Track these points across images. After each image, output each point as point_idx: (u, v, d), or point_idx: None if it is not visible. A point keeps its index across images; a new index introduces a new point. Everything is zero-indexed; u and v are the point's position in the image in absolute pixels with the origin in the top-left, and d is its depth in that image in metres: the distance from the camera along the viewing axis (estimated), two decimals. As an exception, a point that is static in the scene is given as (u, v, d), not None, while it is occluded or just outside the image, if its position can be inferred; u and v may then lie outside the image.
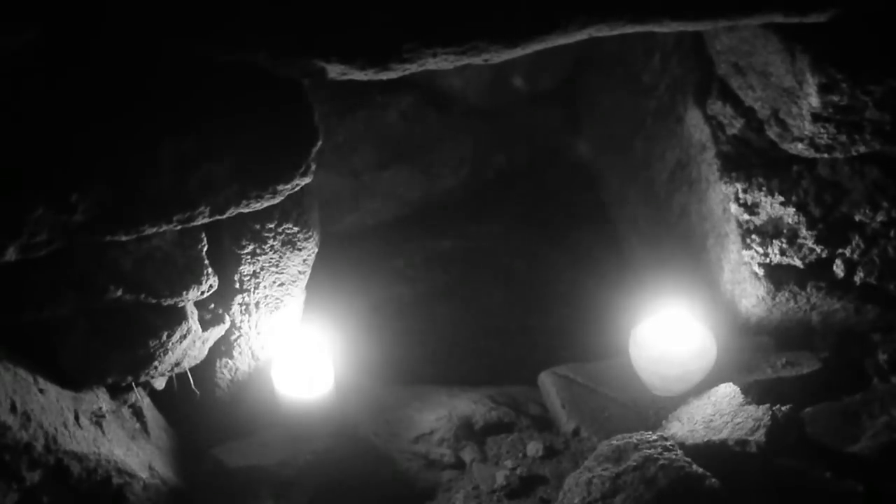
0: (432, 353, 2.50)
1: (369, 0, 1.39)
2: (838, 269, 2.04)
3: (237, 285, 1.82)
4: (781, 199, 2.03)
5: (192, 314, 1.75)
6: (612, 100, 2.66)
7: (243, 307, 1.86)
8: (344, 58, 1.45)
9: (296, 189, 1.64)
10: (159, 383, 1.84)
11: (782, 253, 2.04)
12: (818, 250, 2.04)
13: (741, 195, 2.05)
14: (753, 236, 2.05)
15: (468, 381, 2.25)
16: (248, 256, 1.80)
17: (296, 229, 1.82)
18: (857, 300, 2.06)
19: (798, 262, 2.05)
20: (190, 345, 1.76)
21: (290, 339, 1.97)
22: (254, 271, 1.82)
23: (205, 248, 1.70)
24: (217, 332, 1.83)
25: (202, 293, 1.71)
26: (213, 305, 1.81)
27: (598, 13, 1.49)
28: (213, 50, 1.43)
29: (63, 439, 1.54)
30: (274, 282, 1.86)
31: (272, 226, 1.79)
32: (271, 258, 1.82)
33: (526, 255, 2.85)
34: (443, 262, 2.81)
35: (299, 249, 1.85)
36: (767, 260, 2.05)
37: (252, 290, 1.84)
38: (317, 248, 1.89)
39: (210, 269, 1.71)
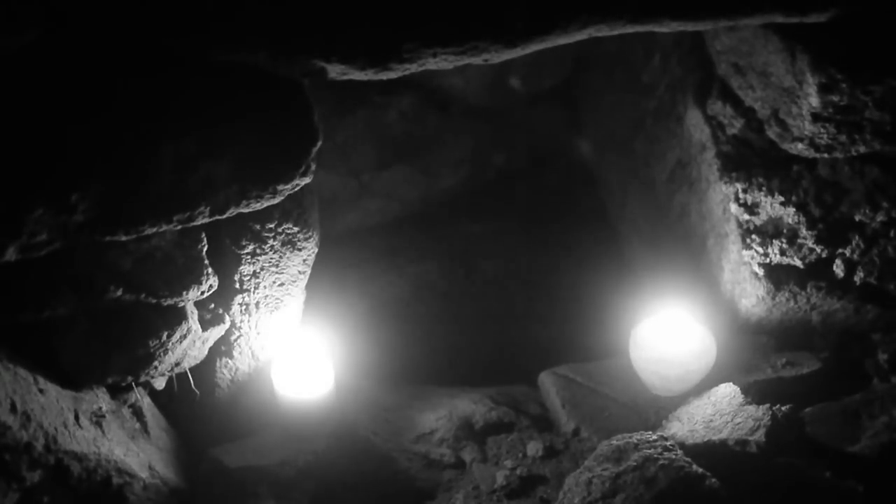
0: (432, 353, 2.50)
1: (369, 0, 1.39)
2: (838, 269, 2.04)
3: (237, 285, 1.82)
4: (781, 199, 2.03)
5: (192, 314, 1.75)
6: (612, 100, 2.66)
7: (243, 307, 1.86)
8: (344, 58, 1.45)
9: (296, 189, 1.64)
10: (159, 383, 1.84)
11: (782, 253, 2.04)
12: (818, 250, 2.04)
13: (741, 195, 2.05)
14: (753, 236, 2.05)
15: (468, 381, 2.25)
16: (249, 256, 1.80)
17: (296, 229, 1.82)
18: (857, 300, 2.06)
19: (798, 262, 2.04)
20: (190, 345, 1.76)
21: (290, 339, 1.97)
22: (254, 271, 1.82)
23: (205, 248, 1.70)
24: (217, 332, 1.83)
25: (202, 293, 1.71)
26: (213, 305, 1.81)
27: (598, 13, 1.49)
28: (213, 50, 1.43)
29: (63, 439, 1.54)
30: (274, 282, 1.86)
31: (272, 226, 1.79)
32: (271, 258, 1.82)
33: (526, 255, 2.85)
34: (443, 262, 2.81)
35: (299, 249, 1.85)
36: (767, 260, 2.05)
37: (252, 290, 1.84)
38: (317, 248, 1.89)
39: (210, 269, 1.71)
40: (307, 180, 1.64)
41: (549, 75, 2.82)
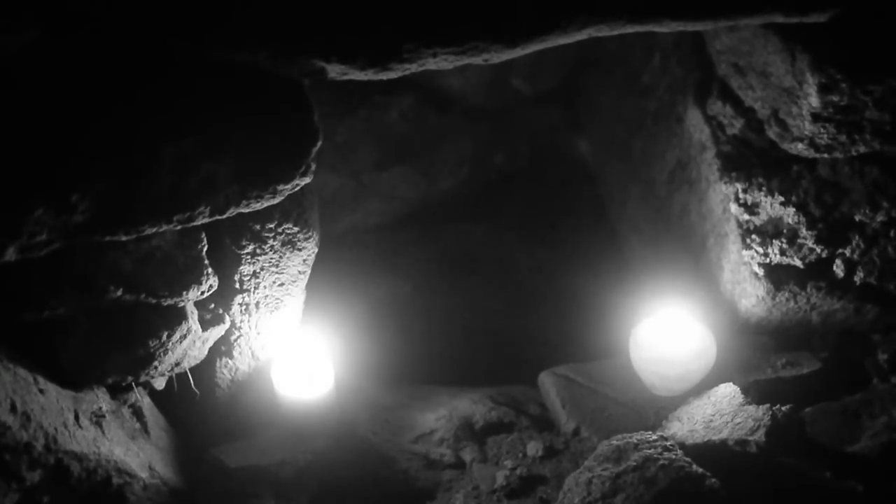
0: (432, 353, 2.51)
1: (369, 0, 1.39)
2: (838, 269, 2.04)
3: (237, 285, 1.82)
4: (781, 199, 2.03)
5: (192, 314, 1.75)
6: (612, 100, 2.66)
7: (243, 307, 1.86)
8: (344, 58, 1.45)
9: (296, 189, 1.64)
10: (159, 383, 1.84)
11: (782, 253, 2.04)
12: (818, 250, 2.04)
13: (741, 195, 2.05)
14: (753, 236, 2.05)
15: (468, 381, 2.25)
16: (248, 256, 1.80)
17: (296, 229, 1.82)
18: (857, 300, 2.06)
19: (798, 262, 2.05)
20: (190, 345, 1.76)
21: (290, 339, 1.97)
22: (254, 271, 1.82)
23: (205, 248, 1.70)
24: (217, 332, 1.83)
25: (202, 293, 1.71)
26: (213, 305, 1.81)
27: (598, 13, 1.49)
28: (213, 50, 1.43)
29: (63, 439, 1.54)
30: (274, 282, 1.86)
31: (272, 226, 1.79)
32: (271, 258, 1.82)
33: (526, 255, 2.85)
34: (443, 263, 2.81)
35: (299, 249, 1.85)
36: (767, 260, 2.05)
37: (252, 290, 1.84)
38: (317, 248, 1.89)
39: (210, 269, 1.71)
40: (307, 180, 1.64)
41: (549, 75, 2.82)
